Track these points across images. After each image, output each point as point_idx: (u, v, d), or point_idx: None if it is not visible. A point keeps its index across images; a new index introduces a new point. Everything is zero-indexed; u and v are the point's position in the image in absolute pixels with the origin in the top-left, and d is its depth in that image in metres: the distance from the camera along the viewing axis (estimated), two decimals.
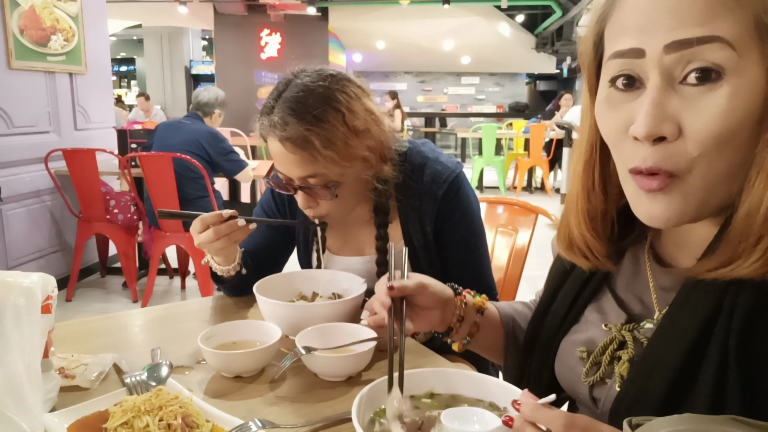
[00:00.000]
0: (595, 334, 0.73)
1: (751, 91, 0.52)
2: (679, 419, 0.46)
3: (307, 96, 1.06)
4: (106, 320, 1.18)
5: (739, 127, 0.52)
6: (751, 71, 0.52)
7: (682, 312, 0.60)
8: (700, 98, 0.53)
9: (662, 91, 0.54)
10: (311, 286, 1.20)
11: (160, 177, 3.16)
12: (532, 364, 0.82)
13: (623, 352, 0.67)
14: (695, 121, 0.53)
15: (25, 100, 3.54)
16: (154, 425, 0.66)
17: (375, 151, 1.12)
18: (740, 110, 0.52)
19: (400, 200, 1.20)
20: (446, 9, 8.83)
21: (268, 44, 9.92)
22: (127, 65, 18.31)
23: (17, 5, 3.44)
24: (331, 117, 1.05)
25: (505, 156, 8.15)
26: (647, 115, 0.54)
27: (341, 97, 1.07)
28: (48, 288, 0.77)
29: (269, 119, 1.08)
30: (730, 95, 0.52)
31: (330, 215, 1.16)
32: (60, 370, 0.86)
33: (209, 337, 0.93)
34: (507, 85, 15.71)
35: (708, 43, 0.51)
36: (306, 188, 1.11)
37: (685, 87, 0.54)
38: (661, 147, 0.55)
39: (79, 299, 3.71)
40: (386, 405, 0.67)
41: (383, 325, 0.99)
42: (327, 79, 1.09)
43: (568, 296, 0.78)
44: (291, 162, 1.08)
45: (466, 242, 1.21)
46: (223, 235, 1.10)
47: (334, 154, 1.06)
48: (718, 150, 0.53)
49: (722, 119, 0.52)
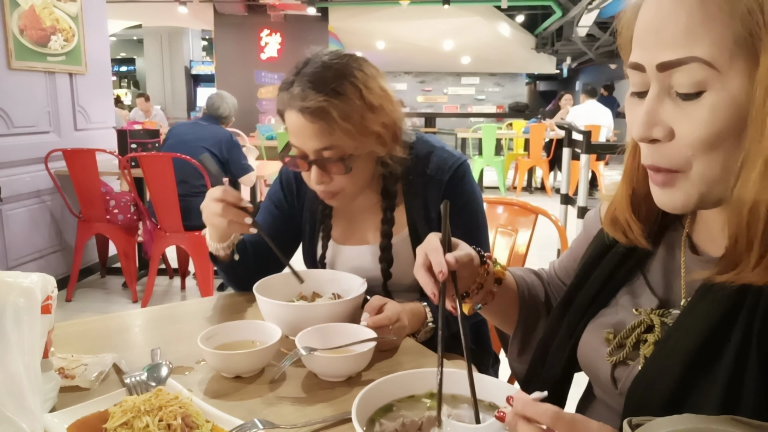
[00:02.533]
0: (624, 317, 0.74)
1: (733, 102, 0.56)
2: (679, 419, 0.47)
3: (326, 71, 1.11)
4: (106, 320, 1.18)
5: (724, 133, 0.57)
6: (733, 84, 0.56)
7: (705, 299, 0.64)
8: (688, 108, 0.58)
9: (657, 100, 0.60)
10: (311, 286, 1.20)
11: (160, 177, 3.16)
12: (555, 341, 0.82)
13: (650, 335, 0.69)
14: (684, 127, 0.59)
15: (25, 100, 3.54)
16: (154, 425, 0.66)
17: (389, 129, 1.16)
18: (722, 120, 0.57)
19: (406, 186, 1.24)
20: (446, 9, 8.83)
21: (268, 44, 9.92)
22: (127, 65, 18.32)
23: (17, 5, 3.44)
24: (349, 91, 1.10)
25: (505, 156, 8.14)
26: (640, 121, 0.61)
27: (358, 74, 1.12)
28: (48, 288, 0.76)
29: (289, 92, 1.12)
30: (711, 107, 0.57)
31: (342, 193, 1.18)
32: (60, 370, 0.86)
33: (209, 337, 0.93)
34: (507, 85, 15.71)
35: (688, 63, 0.56)
36: (321, 162, 1.14)
37: (680, 96, 0.59)
38: (656, 147, 0.62)
39: (79, 299, 3.71)
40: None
41: (384, 325, 1.00)
42: (344, 57, 1.14)
43: (600, 276, 0.79)
44: (308, 133, 1.11)
45: (466, 228, 1.21)
46: (228, 218, 1.13)
47: (350, 127, 1.10)
48: (710, 152, 0.58)
49: (706, 128, 0.57)
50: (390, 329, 1.00)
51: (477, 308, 0.90)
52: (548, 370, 0.78)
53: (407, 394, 0.72)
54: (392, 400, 0.71)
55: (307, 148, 1.13)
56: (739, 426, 0.45)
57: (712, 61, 0.55)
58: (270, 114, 9.24)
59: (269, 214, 1.36)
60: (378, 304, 1.05)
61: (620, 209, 0.74)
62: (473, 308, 0.90)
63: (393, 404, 0.70)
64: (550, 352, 0.83)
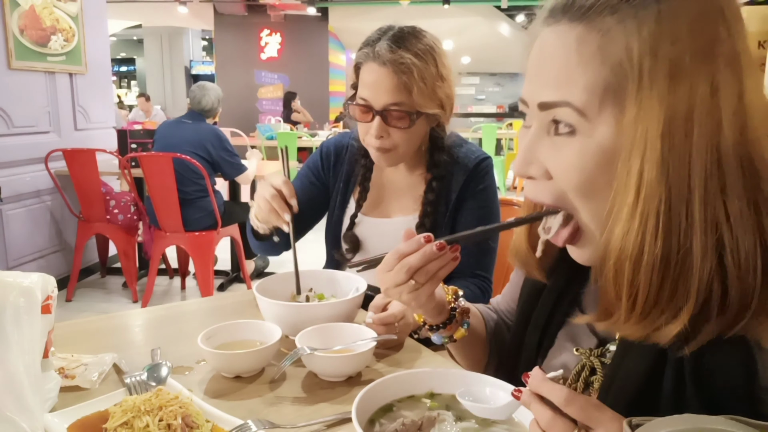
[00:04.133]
0: (568, 359, 0.74)
1: (599, 150, 0.56)
2: (679, 419, 0.47)
3: (410, 36, 1.24)
4: (106, 320, 1.18)
5: (597, 180, 0.57)
6: (600, 132, 0.56)
7: (630, 347, 0.63)
8: (562, 149, 0.58)
9: (536, 137, 0.61)
10: (311, 286, 1.20)
11: (160, 177, 3.16)
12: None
13: (595, 378, 0.69)
14: (557, 169, 0.59)
15: (25, 100, 3.54)
16: (154, 425, 0.66)
17: (450, 100, 1.29)
18: (591, 166, 0.57)
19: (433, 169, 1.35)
20: (446, 9, 8.83)
21: (268, 44, 9.92)
22: (127, 65, 18.32)
23: (17, 5, 3.44)
24: (428, 57, 1.23)
25: (506, 156, 8.14)
26: (518, 158, 0.63)
27: (436, 47, 1.26)
28: (48, 288, 0.76)
29: (373, 48, 1.23)
30: (579, 152, 0.57)
31: (395, 150, 1.27)
32: (60, 370, 0.86)
33: (209, 337, 0.93)
34: (507, 85, 15.71)
35: (561, 107, 0.57)
36: (386, 115, 1.23)
37: (556, 137, 0.59)
38: (536, 183, 0.62)
39: (79, 299, 3.71)
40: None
41: (390, 322, 1.00)
42: (423, 31, 1.28)
43: (540, 319, 0.79)
44: (385, 86, 1.21)
45: (481, 212, 1.33)
46: (273, 205, 1.19)
47: (425, 87, 1.21)
48: (588, 197, 0.58)
49: (576, 172, 0.58)
50: (396, 326, 1.00)
51: (466, 328, 0.87)
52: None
53: (407, 394, 0.72)
54: (392, 400, 0.71)
55: (377, 101, 1.22)
56: (739, 426, 0.45)
57: (582, 108, 0.56)
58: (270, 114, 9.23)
59: (306, 180, 1.46)
60: (382, 302, 1.06)
61: (519, 242, 0.75)
62: (465, 331, 0.87)
63: (393, 404, 0.70)
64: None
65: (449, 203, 1.32)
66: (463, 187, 1.32)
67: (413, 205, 1.36)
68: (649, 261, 0.53)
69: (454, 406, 0.70)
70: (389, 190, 1.41)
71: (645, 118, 0.53)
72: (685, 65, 0.52)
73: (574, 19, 0.57)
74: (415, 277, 0.73)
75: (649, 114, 0.52)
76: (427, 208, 1.32)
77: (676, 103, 0.52)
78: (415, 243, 0.73)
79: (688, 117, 0.52)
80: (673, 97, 0.52)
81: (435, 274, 0.74)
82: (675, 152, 0.52)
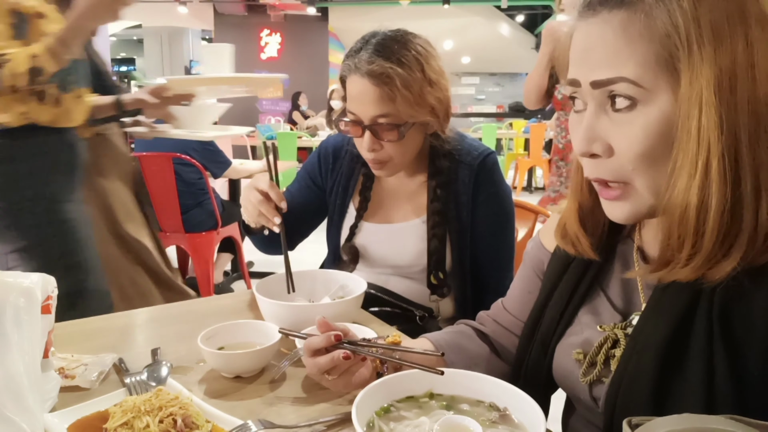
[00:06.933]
0: (590, 335, 0.76)
1: (662, 117, 0.61)
2: (679, 419, 0.47)
3: (392, 42, 1.19)
4: (106, 320, 1.18)
5: (659, 147, 0.61)
6: (660, 100, 0.60)
7: (662, 299, 0.67)
8: (623, 123, 0.63)
9: (595, 116, 0.65)
10: (311, 286, 1.20)
11: (160, 177, 3.16)
12: (529, 363, 0.84)
13: (617, 349, 0.71)
14: (620, 143, 0.63)
15: None
16: (154, 425, 0.66)
17: (442, 104, 1.23)
18: (654, 134, 0.61)
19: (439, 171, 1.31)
20: (446, 9, 8.83)
21: (268, 44, 9.93)
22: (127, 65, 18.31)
23: None
24: (412, 63, 1.18)
25: (505, 156, 8.15)
26: (580, 137, 0.66)
27: (421, 50, 1.20)
28: (48, 288, 0.77)
29: (355, 59, 1.19)
30: (643, 123, 0.61)
31: (390, 162, 1.24)
32: (60, 370, 0.86)
33: (209, 338, 0.93)
34: (507, 85, 15.70)
35: (617, 83, 0.61)
36: (375, 128, 1.19)
37: (615, 113, 0.63)
38: (598, 162, 0.66)
39: None
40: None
41: None
42: (408, 34, 1.23)
43: (562, 297, 0.81)
44: (369, 98, 1.17)
45: (495, 218, 1.30)
46: (261, 209, 1.18)
47: (410, 95, 1.16)
48: (649, 165, 0.62)
49: (641, 143, 0.62)
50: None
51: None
52: (525, 389, 0.70)
53: (406, 395, 0.72)
54: (392, 401, 0.71)
55: (364, 114, 1.19)
56: (739, 426, 0.46)
57: (638, 80, 0.60)
58: (270, 114, 9.23)
59: (303, 183, 1.43)
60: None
61: (569, 223, 0.78)
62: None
63: (392, 405, 0.70)
64: (523, 372, 0.85)
65: (460, 205, 1.28)
66: (473, 189, 1.28)
67: (416, 209, 1.34)
68: (712, 207, 0.58)
69: (455, 406, 0.70)
70: (390, 195, 1.37)
71: (698, 79, 0.58)
72: (724, 27, 0.58)
73: (614, 7, 0.62)
74: (328, 373, 0.79)
75: (702, 75, 0.58)
76: (435, 217, 1.29)
77: (721, 61, 0.58)
78: (324, 339, 0.78)
79: (732, 72, 0.58)
80: (719, 56, 0.58)
81: (347, 370, 0.79)
82: (725, 105, 0.57)
